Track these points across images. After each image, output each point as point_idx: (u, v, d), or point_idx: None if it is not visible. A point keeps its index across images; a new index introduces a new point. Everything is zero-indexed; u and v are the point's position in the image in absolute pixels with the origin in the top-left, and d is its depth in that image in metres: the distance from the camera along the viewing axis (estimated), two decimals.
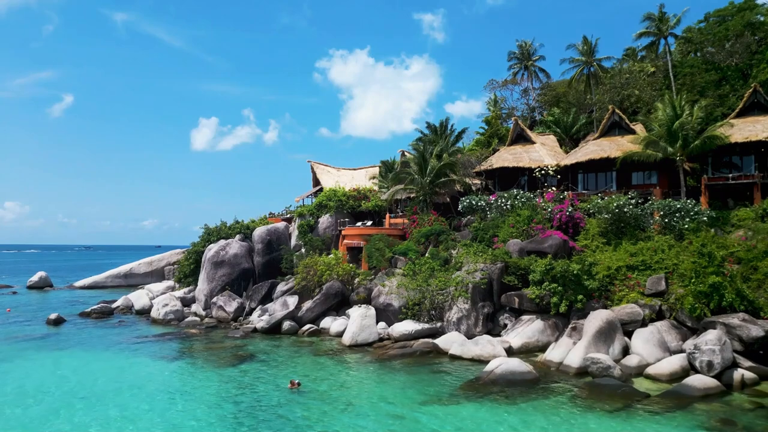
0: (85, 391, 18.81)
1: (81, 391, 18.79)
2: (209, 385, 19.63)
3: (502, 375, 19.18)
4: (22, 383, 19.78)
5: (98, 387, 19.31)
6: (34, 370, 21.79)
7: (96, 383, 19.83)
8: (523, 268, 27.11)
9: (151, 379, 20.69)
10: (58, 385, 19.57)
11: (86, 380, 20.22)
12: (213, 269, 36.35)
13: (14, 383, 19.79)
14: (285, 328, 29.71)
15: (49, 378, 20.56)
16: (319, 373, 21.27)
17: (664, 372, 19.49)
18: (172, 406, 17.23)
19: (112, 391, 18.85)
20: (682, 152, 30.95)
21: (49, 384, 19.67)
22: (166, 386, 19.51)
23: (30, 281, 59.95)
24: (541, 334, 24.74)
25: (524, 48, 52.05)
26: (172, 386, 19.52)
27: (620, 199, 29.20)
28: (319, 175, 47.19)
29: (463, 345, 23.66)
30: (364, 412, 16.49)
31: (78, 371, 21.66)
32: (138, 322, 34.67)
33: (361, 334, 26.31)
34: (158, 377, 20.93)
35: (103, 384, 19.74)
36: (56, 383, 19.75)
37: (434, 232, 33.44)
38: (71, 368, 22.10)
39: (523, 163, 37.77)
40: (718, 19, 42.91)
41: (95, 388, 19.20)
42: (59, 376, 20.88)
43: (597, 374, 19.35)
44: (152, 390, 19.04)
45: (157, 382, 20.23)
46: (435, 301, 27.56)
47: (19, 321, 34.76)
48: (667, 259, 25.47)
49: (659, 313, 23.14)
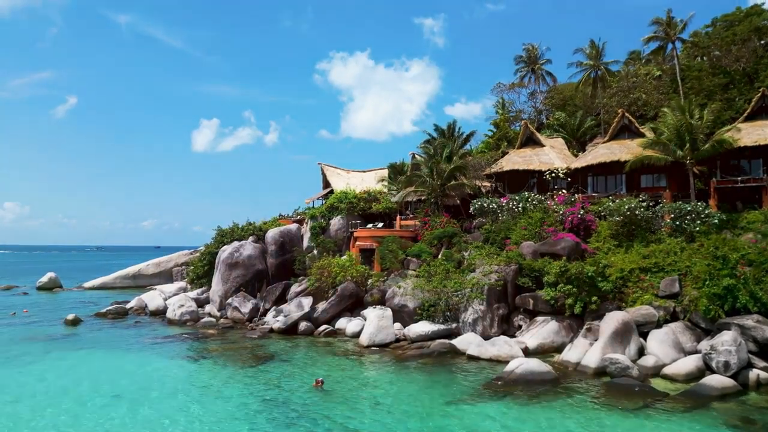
0: (117, 390, 19.17)
1: (113, 390, 19.15)
2: (235, 384, 20.05)
3: (522, 375, 19.63)
4: (54, 383, 20.13)
5: (129, 386, 19.71)
6: (64, 370, 22.19)
7: (125, 382, 20.24)
8: (537, 270, 27.54)
9: (179, 378, 21.16)
10: (89, 384, 19.93)
11: (116, 379, 20.63)
12: (227, 270, 36.79)
13: (47, 383, 20.13)
14: (301, 329, 30.14)
15: (79, 377, 20.94)
16: (341, 372, 21.71)
17: (681, 372, 19.95)
18: (205, 404, 17.64)
19: (143, 390, 19.27)
20: (692, 155, 31.38)
21: (80, 383, 20.04)
22: (195, 385, 19.97)
23: (39, 282, 60.35)
24: (556, 335, 25.21)
25: (531, 51, 52.51)
26: (200, 385, 19.97)
27: (631, 202, 29.66)
28: (329, 177, 47.69)
29: (481, 346, 24.10)
30: (392, 410, 16.94)
31: (106, 371, 22.10)
32: (153, 322, 35.11)
33: (379, 334, 26.75)
34: (185, 376, 21.40)
35: (133, 383, 20.16)
36: (87, 383, 20.12)
37: (447, 234, 33.90)
38: (98, 368, 22.54)
39: (533, 166, 38.23)
40: (725, 24, 43.44)
41: (126, 387, 19.59)
42: (88, 375, 21.27)
43: (615, 374, 19.79)
44: (182, 389, 19.49)
45: (185, 381, 20.69)
46: (450, 302, 28.00)
47: (36, 321, 35.18)
48: (680, 261, 25.91)
49: (673, 315, 23.59)
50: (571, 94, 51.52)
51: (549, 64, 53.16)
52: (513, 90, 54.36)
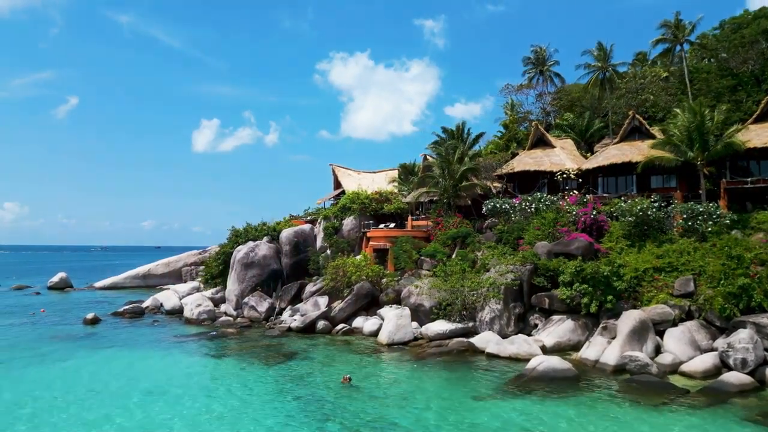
0: (153, 386, 19.60)
1: (150, 387, 19.57)
2: (266, 381, 20.55)
3: (544, 372, 20.14)
4: (87, 381, 20.54)
5: (163, 383, 20.16)
6: (97, 368, 22.61)
7: (159, 379, 20.72)
8: (552, 269, 28.03)
9: (210, 375, 21.69)
10: (125, 381, 20.39)
11: (148, 377, 21.14)
12: (243, 270, 37.29)
13: (79, 382, 20.52)
14: (319, 328, 30.65)
15: (113, 375, 21.41)
16: (365, 370, 22.20)
17: (698, 369, 20.47)
18: (242, 400, 18.10)
19: (178, 386, 19.71)
20: (703, 156, 31.89)
21: (116, 380, 20.47)
22: (227, 382, 20.47)
23: (51, 282, 60.87)
24: (572, 333, 25.71)
25: (539, 53, 53.02)
26: (231, 382, 20.46)
27: (643, 203, 30.16)
28: (340, 178, 48.20)
29: (500, 344, 24.61)
30: (422, 405, 17.45)
31: (136, 368, 22.56)
32: (171, 321, 35.60)
33: (397, 333, 27.26)
34: (215, 374, 21.91)
35: (167, 380, 20.63)
36: (122, 380, 20.60)
37: (461, 235, 34.40)
38: (129, 366, 23.00)
39: (545, 167, 38.72)
40: (733, 27, 43.95)
41: (161, 384, 20.03)
42: (121, 373, 21.75)
43: (635, 371, 20.30)
44: (216, 386, 20.00)
45: (216, 378, 21.20)
46: (466, 301, 28.49)
47: (54, 321, 35.67)
48: (693, 261, 26.40)
49: (688, 314, 24.11)
50: (578, 95, 52.02)
51: (556, 66, 53.65)
52: (521, 91, 54.88)
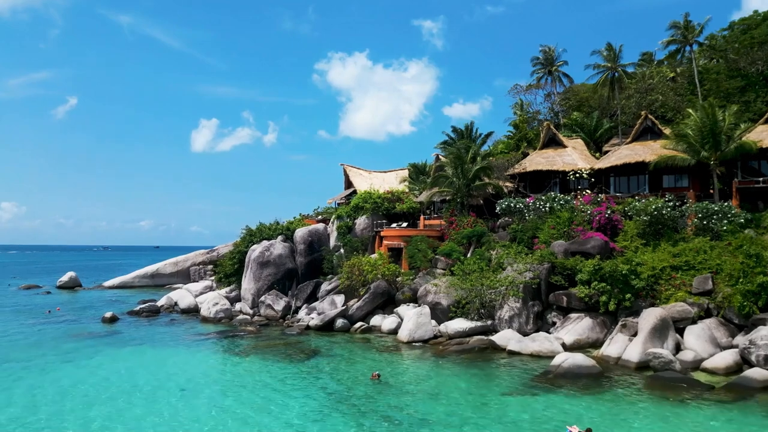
0: (185, 384, 19.99)
1: (183, 384, 19.97)
2: (295, 377, 20.85)
3: (569, 369, 20.48)
4: (125, 378, 20.80)
5: (195, 381, 20.52)
6: (125, 366, 22.91)
7: (190, 377, 21.05)
8: (569, 268, 28.34)
9: (241, 372, 21.98)
10: (156, 379, 20.67)
11: (179, 374, 21.46)
12: (259, 269, 37.56)
13: (117, 379, 20.80)
14: (338, 326, 30.95)
15: (143, 373, 21.71)
16: (391, 367, 22.49)
17: (720, 366, 20.81)
18: (276, 397, 18.38)
19: (211, 383, 20.16)
20: (716, 156, 32.24)
21: (148, 378, 20.76)
22: (258, 379, 20.78)
23: (60, 281, 61.12)
24: (591, 331, 26.02)
25: (548, 53, 53.33)
26: (262, 378, 20.76)
27: (658, 202, 30.50)
28: (351, 178, 48.50)
29: (521, 342, 24.94)
30: (452, 401, 17.76)
31: (164, 366, 22.87)
32: (188, 320, 35.87)
33: (418, 331, 27.57)
34: (245, 371, 22.17)
35: (198, 378, 21.00)
36: (154, 377, 20.89)
37: (476, 234, 34.71)
38: (156, 364, 23.32)
39: (557, 167, 39.04)
40: (743, 28, 44.32)
41: (194, 381, 20.40)
42: (151, 371, 22.04)
43: (659, 368, 20.61)
44: (248, 382, 20.29)
45: (247, 375, 21.49)
46: (485, 299, 28.79)
47: (72, 319, 35.92)
48: (710, 259, 26.73)
49: (707, 311, 24.45)
50: (587, 95, 52.33)
51: (565, 66, 53.93)
52: (529, 91, 55.22)
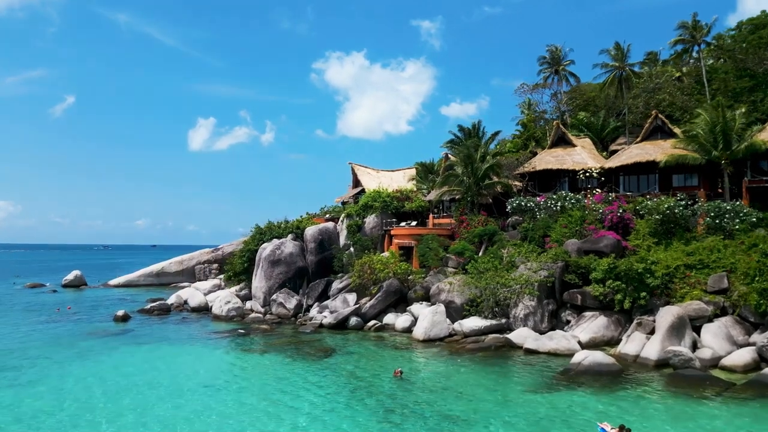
0: (208, 381, 20.07)
1: (204, 381, 20.04)
2: (316, 375, 20.91)
3: (590, 366, 20.61)
4: (150, 376, 20.76)
5: (222, 378, 20.60)
6: (148, 364, 22.91)
7: (215, 375, 21.14)
8: (583, 266, 28.47)
9: (263, 369, 22.01)
10: (180, 377, 20.74)
11: (204, 372, 21.58)
12: (270, 268, 37.60)
13: (138, 376, 20.80)
14: (351, 324, 31.04)
15: (165, 370, 21.80)
16: (410, 364, 22.59)
17: (738, 364, 20.95)
18: (301, 394, 18.41)
19: (234, 381, 20.15)
20: (727, 156, 32.41)
21: (173, 376, 20.81)
22: (280, 376, 20.82)
23: (65, 280, 61.06)
24: (606, 329, 26.15)
25: (555, 53, 53.43)
26: (284, 376, 20.81)
27: (670, 201, 30.66)
28: (359, 177, 48.58)
29: (538, 340, 25.06)
30: (478, 397, 17.85)
31: (187, 364, 22.94)
32: (200, 318, 35.91)
33: (433, 329, 27.68)
34: (265, 368, 22.20)
35: (220, 375, 21.06)
36: (175, 375, 20.98)
37: (488, 233, 34.82)
38: (179, 362, 23.38)
39: (567, 166, 39.17)
40: (751, 28, 44.52)
41: (220, 379, 20.47)
42: (175, 369, 22.07)
43: (678, 366, 20.74)
44: (270, 380, 20.38)
45: (267, 372, 21.55)
46: (499, 298, 28.89)
47: (84, 318, 35.91)
48: (724, 258, 26.88)
49: (722, 310, 24.60)
50: (594, 94, 52.49)
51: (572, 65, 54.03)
52: (536, 90, 55.33)
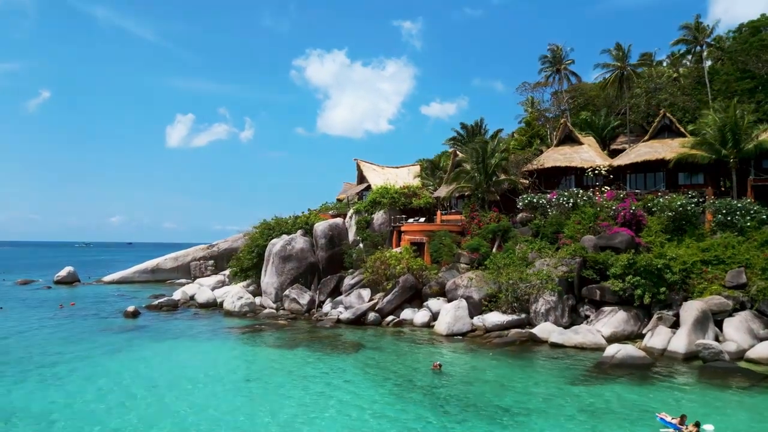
0: (248, 376, 19.89)
1: (244, 377, 19.88)
2: (353, 369, 20.83)
3: (623, 359, 20.95)
4: (182, 372, 20.42)
5: (257, 374, 20.34)
6: (177, 360, 22.58)
7: (249, 370, 20.92)
8: (600, 262, 28.88)
9: (295, 364, 21.74)
10: (210, 372, 20.42)
11: (238, 368, 21.35)
12: (281, 263, 37.30)
13: (170, 371, 20.55)
14: (369, 319, 30.98)
15: (199, 366, 21.41)
16: (442, 358, 22.52)
17: (764, 356, 21.49)
18: (341, 389, 18.28)
19: (274, 375, 19.95)
20: (735, 154, 33.16)
21: (207, 372, 20.44)
22: (317, 371, 20.62)
23: (58, 276, 59.71)
24: (626, 324, 26.57)
25: (556, 52, 54.02)
26: (320, 371, 20.60)
27: (681, 199, 31.28)
28: (365, 173, 48.48)
29: (563, 334, 25.34)
30: (520, 390, 17.96)
31: (217, 360, 22.59)
32: (211, 314, 35.43)
33: (456, 324, 27.80)
34: (298, 363, 21.91)
35: (257, 371, 20.79)
36: (207, 371, 20.62)
37: (501, 229, 35.06)
38: (203, 357, 23.04)
39: (575, 163, 39.64)
40: (751, 30, 45.57)
41: (255, 374, 20.23)
42: (204, 365, 21.72)
43: (708, 359, 21.19)
44: (308, 374, 20.19)
45: (303, 367, 21.30)
46: (518, 293, 29.12)
47: (91, 314, 35.12)
48: (738, 254, 27.53)
49: (741, 304, 25.19)
50: (595, 93, 53.21)
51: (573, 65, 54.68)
52: (536, 89, 55.91)
